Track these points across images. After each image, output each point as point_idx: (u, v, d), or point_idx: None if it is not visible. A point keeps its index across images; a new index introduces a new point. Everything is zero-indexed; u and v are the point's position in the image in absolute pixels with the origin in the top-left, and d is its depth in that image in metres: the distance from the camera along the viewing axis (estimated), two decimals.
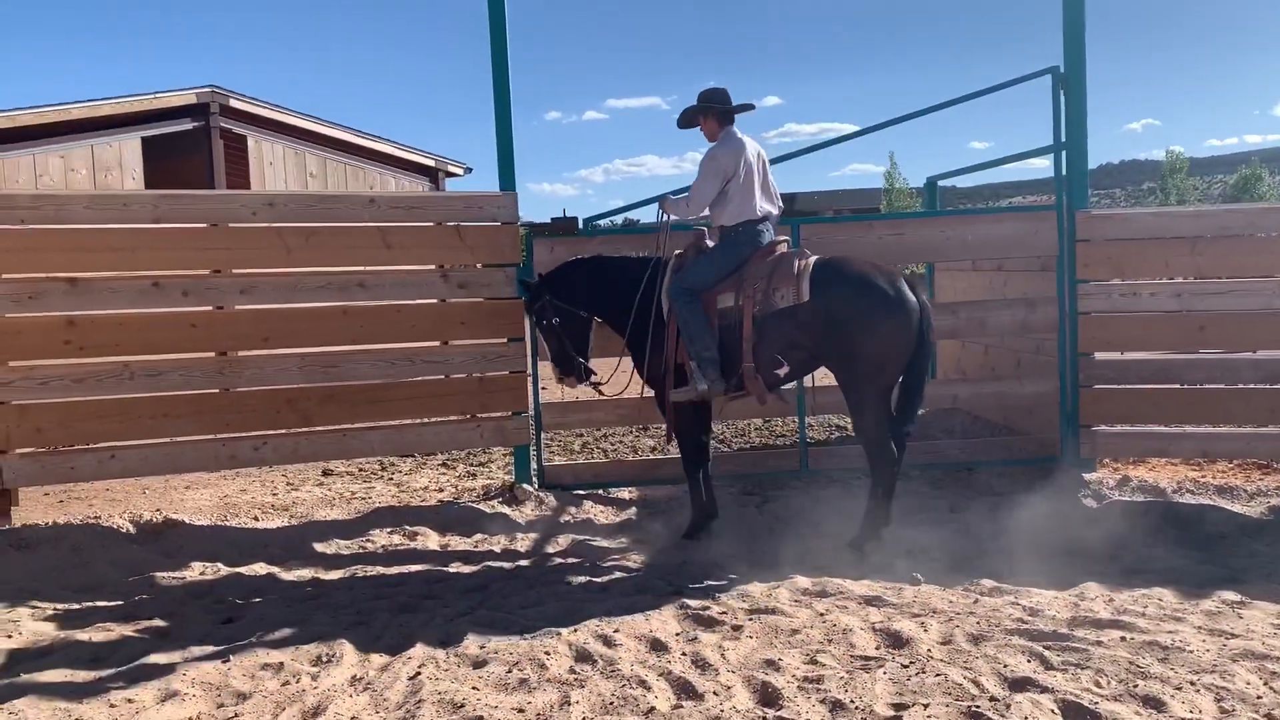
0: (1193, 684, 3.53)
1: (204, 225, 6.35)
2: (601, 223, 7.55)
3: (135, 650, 4.20)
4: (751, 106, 5.86)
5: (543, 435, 7.17)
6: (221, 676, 3.87)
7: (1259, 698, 3.41)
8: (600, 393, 6.14)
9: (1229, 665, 3.69)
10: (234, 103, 12.95)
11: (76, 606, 4.89)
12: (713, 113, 5.71)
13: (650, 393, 6.07)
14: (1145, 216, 7.13)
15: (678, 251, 5.91)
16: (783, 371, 5.51)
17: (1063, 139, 6.94)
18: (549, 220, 7.04)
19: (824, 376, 5.89)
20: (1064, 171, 6.99)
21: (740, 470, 7.26)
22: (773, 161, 6.14)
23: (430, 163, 16.37)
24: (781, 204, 5.95)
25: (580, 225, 7.07)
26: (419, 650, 4.09)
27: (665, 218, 5.95)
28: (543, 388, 7.19)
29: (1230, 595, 4.59)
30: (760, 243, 5.65)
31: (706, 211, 5.80)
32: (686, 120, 5.86)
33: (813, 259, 5.50)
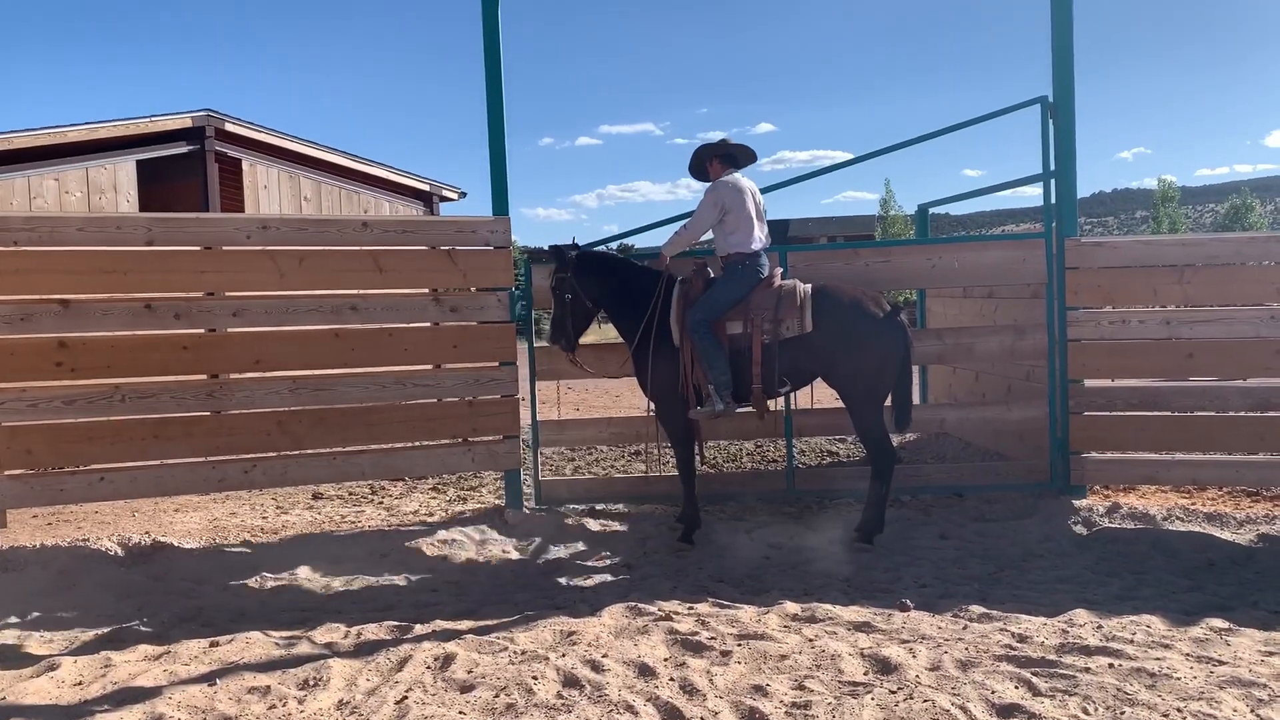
0: (1180, 711, 3.53)
1: (197, 248, 6.36)
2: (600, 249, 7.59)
3: (121, 673, 4.18)
4: (753, 157, 6.46)
5: (539, 455, 7.19)
6: (208, 699, 3.85)
7: None
8: (576, 363, 6.71)
9: (1216, 693, 3.70)
10: (229, 126, 12.99)
11: (62, 629, 4.87)
12: (716, 157, 6.37)
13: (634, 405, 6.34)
14: (1134, 244, 7.15)
15: (682, 278, 6.30)
16: (785, 389, 6.28)
17: (1052, 167, 7.01)
18: (547, 247, 7.09)
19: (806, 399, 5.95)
20: (1053, 199, 7.05)
21: (730, 494, 7.26)
22: (766, 189, 6.80)
23: (425, 187, 16.39)
24: (770, 236, 6.53)
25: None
26: (406, 674, 4.08)
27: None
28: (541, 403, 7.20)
29: (1218, 623, 4.59)
30: (761, 275, 6.19)
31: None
32: (696, 165, 6.50)
33: (809, 289, 6.13)
